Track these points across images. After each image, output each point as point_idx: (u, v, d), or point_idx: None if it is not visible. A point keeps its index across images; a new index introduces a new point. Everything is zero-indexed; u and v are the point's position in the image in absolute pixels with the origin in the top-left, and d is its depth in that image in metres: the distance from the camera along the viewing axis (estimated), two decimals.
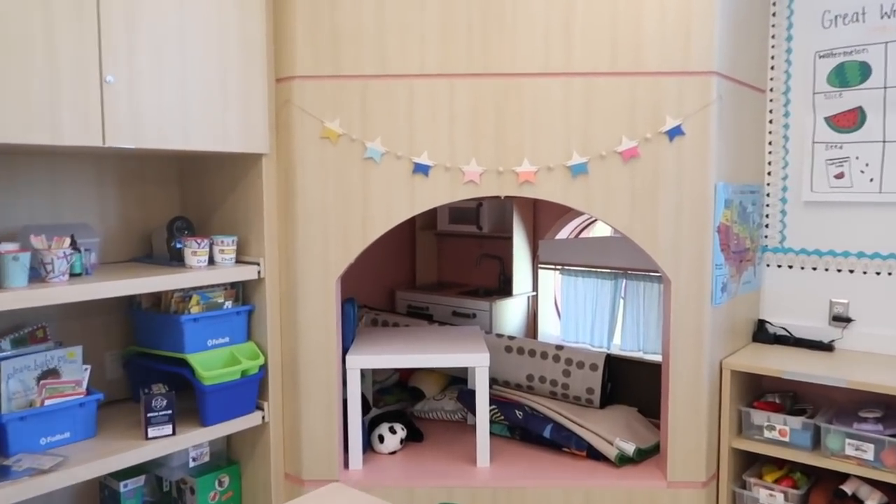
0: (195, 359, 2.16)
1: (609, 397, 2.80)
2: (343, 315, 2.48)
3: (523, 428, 2.62)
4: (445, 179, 2.25)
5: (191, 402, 2.24)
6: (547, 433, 2.52)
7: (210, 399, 2.16)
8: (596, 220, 3.50)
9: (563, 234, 3.50)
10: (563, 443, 2.50)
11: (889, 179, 2.43)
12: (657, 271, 2.85)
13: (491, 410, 2.66)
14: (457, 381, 3.05)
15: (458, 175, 2.25)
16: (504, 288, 3.50)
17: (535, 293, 3.55)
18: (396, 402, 2.95)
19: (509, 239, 3.38)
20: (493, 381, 2.91)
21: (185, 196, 2.59)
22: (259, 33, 2.23)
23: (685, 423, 2.29)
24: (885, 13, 2.40)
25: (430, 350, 2.46)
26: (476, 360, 2.39)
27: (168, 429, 2.08)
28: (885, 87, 2.41)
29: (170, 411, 2.08)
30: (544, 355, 2.81)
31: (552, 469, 2.41)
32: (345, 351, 2.44)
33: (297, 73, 2.24)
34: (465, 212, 3.49)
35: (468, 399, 2.69)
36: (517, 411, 2.62)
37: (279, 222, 2.33)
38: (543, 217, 3.49)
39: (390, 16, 2.21)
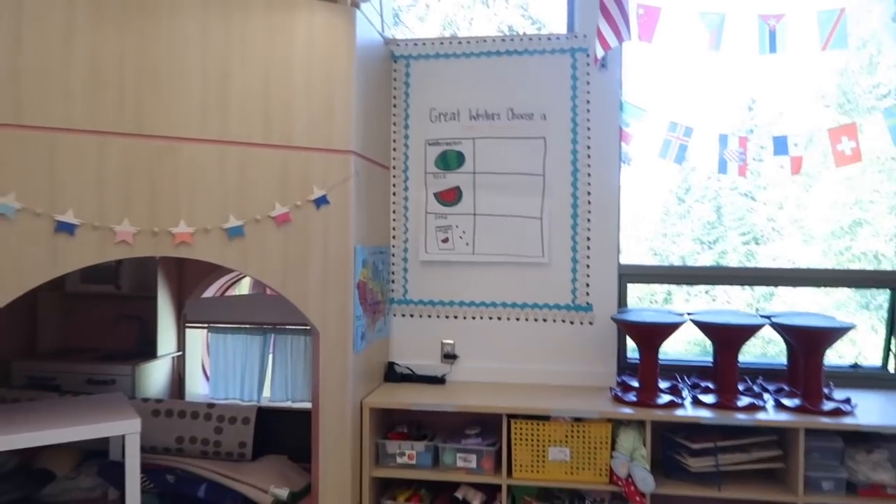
0: None
1: (260, 449, 2.91)
2: None
3: (175, 492, 2.56)
4: (94, 239, 2.16)
5: None
6: (201, 493, 2.52)
7: None
8: (243, 278, 3.61)
9: (210, 291, 3.52)
10: (219, 500, 2.52)
11: (479, 244, 3.12)
12: (304, 325, 3.10)
13: None
14: (93, 455, 2.80)
15: (109, 234, 2.18)
16: (145, 350, 3.33)
17: (181, 353, 3.47)
18: (15, 491, 2.58)
19: (153, 299, 3.25)
20: None
21: None
22: None
23: (334, 461, 2.54)
24: (473, 115, 3.13)
25: (63, 424, 2.24)
26: (126, 427, 2.28)
27: None
28: (475, 173, 3.12)
29: None
30: (195, 415, 2.79)
31: None
32: None
33: None
34: (101, 270, 3.25)
35: (110, 472, 2.53)
36: (168, 476, 2.56)
37: None
38: (190, 275, 3.46)
39: (28, 60, 2.07)
